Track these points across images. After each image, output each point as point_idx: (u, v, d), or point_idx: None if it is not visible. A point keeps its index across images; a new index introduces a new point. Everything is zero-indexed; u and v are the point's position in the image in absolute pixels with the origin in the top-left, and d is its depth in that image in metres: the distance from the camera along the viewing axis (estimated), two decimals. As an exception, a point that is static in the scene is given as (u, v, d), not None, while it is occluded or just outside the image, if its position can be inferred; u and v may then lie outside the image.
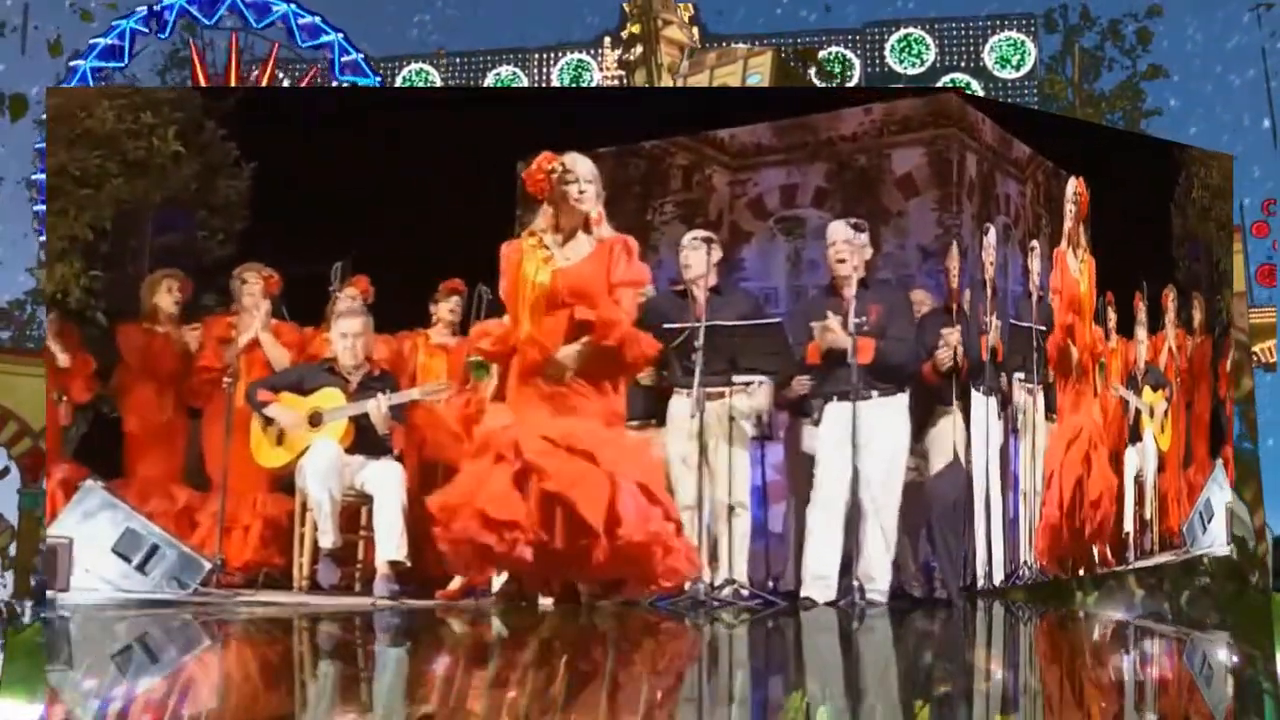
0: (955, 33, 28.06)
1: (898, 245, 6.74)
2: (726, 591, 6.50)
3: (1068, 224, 7.79)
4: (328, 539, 6.77)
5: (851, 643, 6.11)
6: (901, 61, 27.59)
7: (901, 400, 6.58)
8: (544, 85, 26.26)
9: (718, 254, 6.72)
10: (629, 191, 7.12)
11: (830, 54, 26.43)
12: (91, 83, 16.85)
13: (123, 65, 17.46)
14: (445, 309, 7.36)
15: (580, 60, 27.74)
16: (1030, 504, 7.41)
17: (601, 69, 27.15)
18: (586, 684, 4.84)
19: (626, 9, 23.28)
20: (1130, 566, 8.20)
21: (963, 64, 27.56)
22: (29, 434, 12.81)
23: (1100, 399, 8.04)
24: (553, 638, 5.98)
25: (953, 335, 6.68)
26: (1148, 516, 8.47)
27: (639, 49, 22.79)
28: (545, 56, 28.09)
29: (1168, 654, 6.45)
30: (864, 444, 6.41)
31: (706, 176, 7.17)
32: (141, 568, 6.60)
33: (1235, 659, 5.92)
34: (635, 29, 22.86)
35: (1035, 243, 7.59)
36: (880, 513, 6.45)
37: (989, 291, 7.00)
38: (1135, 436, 8.40)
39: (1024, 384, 7.39)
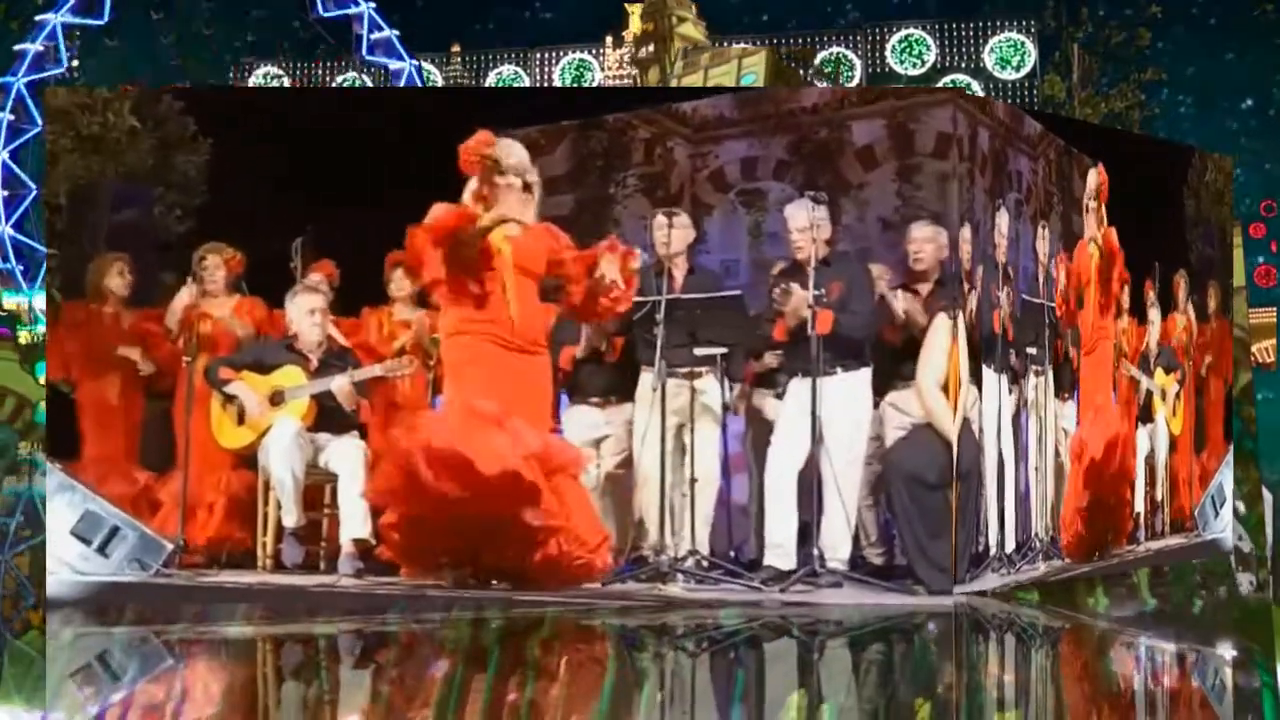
0: (955, 33, 28.06)
1: (857, 218, 6.76)
2: (689, 563, 6.55)
3: (1090, 219, 7.71)
4: (291, 518, 6.73)
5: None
6: (902, 62, 27.58)
7: (864, 375, 6.60)
8: (546, 85, 26.01)
9: (686, 231, 6.73)
10: (591, 164, 7.11)
11: (831, 54, 26.45)
12: (61, 40, 15.24)
13: (102, 22, 15.65)
14: (407, 285, 7.31)
15: (582, 60, 27.51)
16: (1042, 481, 7.40)
17: (604, 69, 26.90)
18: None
19: (631, 9, 23.08)
20: (1143, 548, 8.19)
21: (963, 65, 27.59)
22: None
23: (1116, 377, 8.02)
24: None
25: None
26: (1158, 498, 8.47)
27: (652, 47, 22.59)
28: (546, 56, 27.84)
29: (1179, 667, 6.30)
30: (826, 417, 6.45)
31: (668, 149, 7.17)
32: (102, 550, 6.52)
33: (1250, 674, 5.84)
34: (649, 26, 22.64)
35: (1044, 220, 7.54)
36: (841, 484, 6.50)
37: (1000, 269, 6.98)
38: (1147, 418, 8.40)
39: (1034, 361, 7.35)
